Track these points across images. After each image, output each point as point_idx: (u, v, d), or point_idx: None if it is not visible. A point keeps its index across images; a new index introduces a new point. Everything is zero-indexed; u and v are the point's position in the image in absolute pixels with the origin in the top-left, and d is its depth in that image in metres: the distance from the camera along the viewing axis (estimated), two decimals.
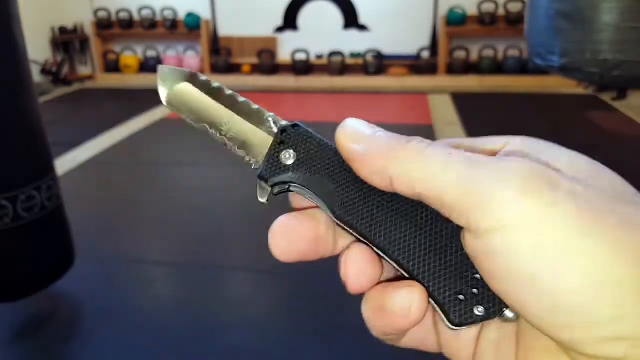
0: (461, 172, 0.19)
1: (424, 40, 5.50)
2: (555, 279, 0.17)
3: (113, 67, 5.93)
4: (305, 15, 5.67)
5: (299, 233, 0.23)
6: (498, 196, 0.18)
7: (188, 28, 5.71)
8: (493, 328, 0.22)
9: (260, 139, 0.24)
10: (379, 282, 0.22)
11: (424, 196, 0.20)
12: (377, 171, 0.21)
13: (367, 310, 0.21)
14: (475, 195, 0.18)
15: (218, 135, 0.24)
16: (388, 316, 0.20)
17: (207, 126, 0.25)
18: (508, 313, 0.20)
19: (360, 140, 0.21)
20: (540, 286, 0.17)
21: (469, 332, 0.22)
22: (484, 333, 0.22)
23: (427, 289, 0.20)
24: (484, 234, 0.18)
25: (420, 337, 0.23)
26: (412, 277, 0.21)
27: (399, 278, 0.22)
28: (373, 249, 0.22)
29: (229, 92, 0.25)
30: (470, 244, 0.19)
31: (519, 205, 0.17)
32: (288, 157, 0.23)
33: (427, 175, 0.20)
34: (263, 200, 0.23)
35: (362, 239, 0.22)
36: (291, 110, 4.78)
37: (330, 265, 0.27)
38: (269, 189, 0.23)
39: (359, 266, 0.21)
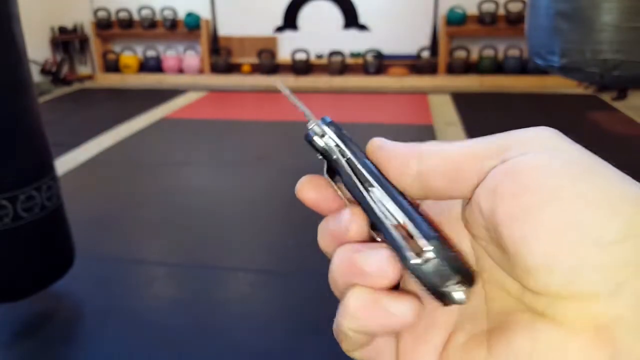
0: (491, 136, 0.21)
1: (424, 40, 5.50)
2: (578, 193, 0.17)
3: (113, 67, 5.93)
4: (305, 15, 5.67)
5: (322, 184, 0.24)
6: (527, 135, 0.20)
7: (188, 28, 5.71)
8: (462, 330, 0.22)
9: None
10: None
11: (454, 162, 0.21)
12: (407, 148, 0.22)
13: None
14: (503, 141, 0.20)
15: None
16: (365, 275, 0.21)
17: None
18: (456, 293, 0.20)
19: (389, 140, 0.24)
20: (562, 200, 0.17)
21: (431, 341, 0.22)
22: (452, 338, 0.22)
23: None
24: (513, 158, 0.19)
25: (374, 353, 0.23)
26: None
27: None
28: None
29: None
30: (494, 178, 0.19)
31: (554, 138, 0.19)
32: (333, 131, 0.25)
33: (455, 145, 0.21)
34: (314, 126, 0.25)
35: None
36: (291, 110, 4.77)
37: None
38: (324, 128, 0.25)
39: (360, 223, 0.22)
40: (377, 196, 0.22)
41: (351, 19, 5.61)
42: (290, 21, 5.70)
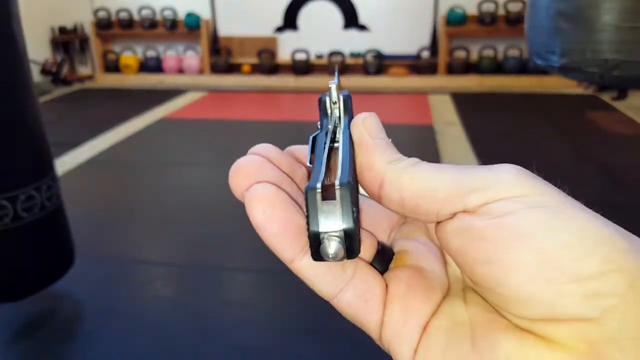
0: (454, 172, 0.20)
1: (424, 40, 5.50)
2: (551, 236, 0.18)
3: (113, 67, 5.93)
4: (305, 15, 5.67)
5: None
6: (498, 179, 0.19)
7: (188, 28, 5.71)
8: (445, 315, 0.22)
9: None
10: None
11: (412, 198, 0.21)
12: (374, 168, 0.22)
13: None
14: (473, 181, 0.20)
15: None
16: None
17: None
18: (331, 245, 0.20)
19: (375, 135, 0.23)
20: (535, 243, 0.18)
21: (417, 317, 0.22)
22: (434, 320, 0.22)
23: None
24: (482, 206, 0.19)
25: (363, 301, 0.23)
26: None
27: None
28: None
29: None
30: (463, 221, 0.19)
31: (519, 182, 0.19)
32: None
33: (419, 178, 0.21)
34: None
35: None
36: (291, 110, 4.78)
37: None
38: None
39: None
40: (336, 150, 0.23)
41: (351, 19, 5.61)
42: (290, 21, 5.70)
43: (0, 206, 1.48)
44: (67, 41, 5.85)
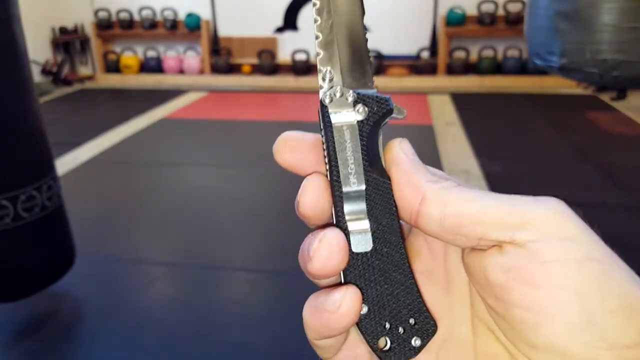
0: (499, 197, 0.20)
1: (424, 40, 5.50)
2: (600, 300, 0.18)
3: (113, 67, 5.93)
4: (305, 15, 5.67)
5: (299, 144, 0.23)
6: (539, 214, 0.19)
7: (188, 28, 5.71)
8: (448, 354, 0.22)
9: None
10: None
11: (457, 216, 0.20)
12: (414, 184, 0.21)
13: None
14: (524, 213, 0.19)
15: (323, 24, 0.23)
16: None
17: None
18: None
19: (412, 155, 0.22)
20: (584, 305, 0.18)
21: None
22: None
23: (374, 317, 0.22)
24: (531, 243, 0.19)
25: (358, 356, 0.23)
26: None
27: None
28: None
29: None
30: (511, 259, 0.19)
31: (568, 222, 0.19)
32: (360, 110, 0.23)
33: (464, 198, 0.20)
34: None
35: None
36: (291, 110, 4.78)
37: None
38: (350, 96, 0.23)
39: (315, 193, 0.22)
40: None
41: None
42: (290, 21, 5.70)
43: (1, 206, 1.49)
44: (68, 41, 5.85)
